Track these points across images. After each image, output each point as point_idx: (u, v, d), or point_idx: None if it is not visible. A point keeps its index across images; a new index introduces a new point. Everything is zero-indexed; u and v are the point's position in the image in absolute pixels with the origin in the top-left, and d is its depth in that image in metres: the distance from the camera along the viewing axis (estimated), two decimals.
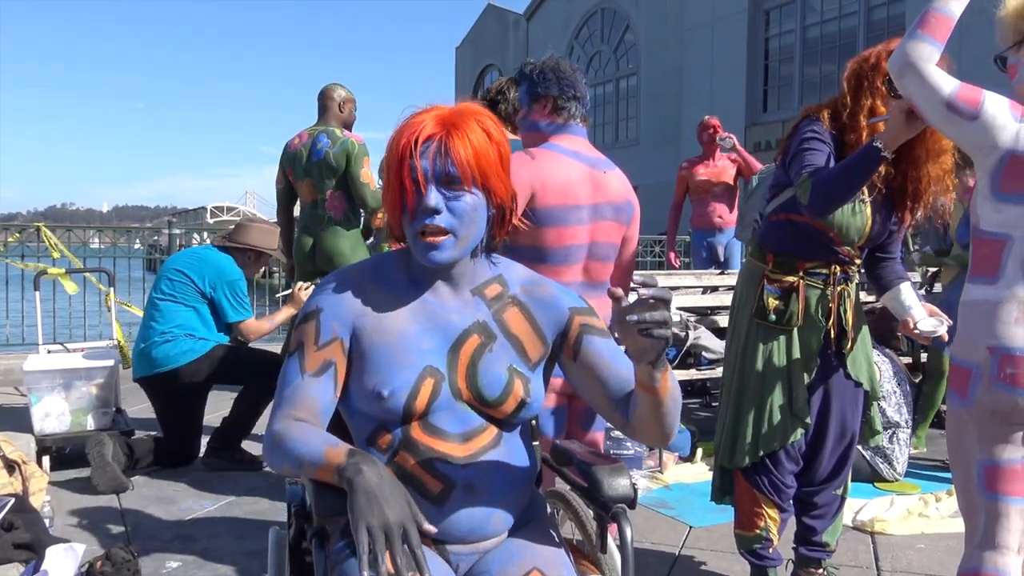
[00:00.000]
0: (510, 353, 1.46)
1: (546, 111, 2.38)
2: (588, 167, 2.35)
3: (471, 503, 1.40)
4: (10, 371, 5.75)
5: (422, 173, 1.35)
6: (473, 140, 1.36)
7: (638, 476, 3.91)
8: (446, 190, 1.36)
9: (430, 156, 1.35)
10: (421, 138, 1.35)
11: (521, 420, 1.48)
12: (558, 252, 2.30)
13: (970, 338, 1.79)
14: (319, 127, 4.25)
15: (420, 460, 1.39)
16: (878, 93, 2.28)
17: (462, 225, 1.37)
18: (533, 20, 28.90)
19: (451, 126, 1.35)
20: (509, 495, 1.45)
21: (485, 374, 1.43)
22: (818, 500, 2.58)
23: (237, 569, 2.86)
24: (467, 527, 1.41)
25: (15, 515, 2.64)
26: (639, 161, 22.33)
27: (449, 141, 1.34)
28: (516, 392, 1.43)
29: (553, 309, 1.51)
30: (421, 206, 1.35)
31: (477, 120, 1.38)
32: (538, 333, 1.49)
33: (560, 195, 2.27)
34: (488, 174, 1.38)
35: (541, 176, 2.26)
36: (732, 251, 6.15)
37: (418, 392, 1.39)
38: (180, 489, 3.72)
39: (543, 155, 2.31)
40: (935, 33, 1.78)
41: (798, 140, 2.35)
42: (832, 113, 2.37)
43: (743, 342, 2.51)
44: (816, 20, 19.23)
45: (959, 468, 1.89)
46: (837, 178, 2.18)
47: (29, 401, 3.97)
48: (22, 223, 7.33)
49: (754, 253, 2.54)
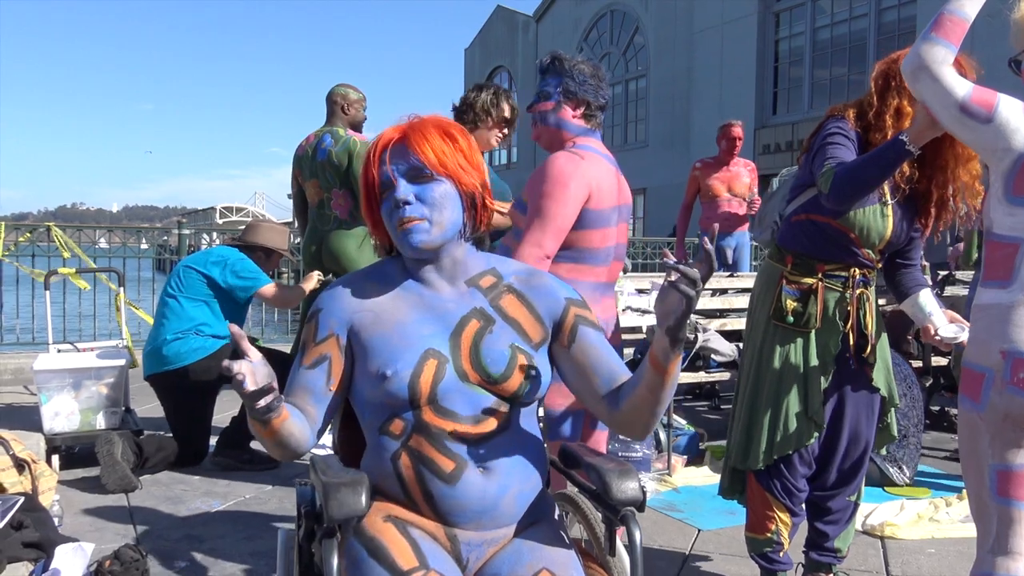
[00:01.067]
0: (511, 333, 1.52)
1: (579, 113, 2.39)
2: (615, 169, 2.41)
3: (483, 483, 1.43)
4: (20, 370, 5.78)
5: (389, 173, 1.47)
6: (429, 134, 1.48)
7: (646, 479, 3.90)
8: (414, 184, 1.47)
9: (393, 157, 1.48)
10: (380, 145, 1.49)
11: (530, 398, 1.50)
12: (599, 253, 2.34)
13: (983, 342, 1.78)
14: (325, 128, 4.27)
15: (432, 441, 1.43)
16: (905, 92, 2.26)
17: (434, 210, 1.47)
18: (542, 21, 28.90)
19: (408, 128, 1.49)
20: (520, 479, 1.48)
21: (488, 352, 1.48)
22: (832, 505, 2.57)
23: (245, 569, 2.86)
24: (479, 507, 1.43)
25: (25, 514, 2.65)
26: (648, 163, 22.31)
27: (407, 140, 1.47)
28: (521, 363, 1.48)
29: (549, 297, 1.57)
30: (394, 201, 1.46)
31: (434, 122, 1.51)
32: (536, 318, 1.55)
33: (608, 198, 2.32)
34: (448, 163, 1.48)
35: (597, 178, 2.29)
36: (742, 254, 6.13)
37: (421, 372, 1.43)
38: (188, 489, 3.73)
39: (590, 157, 2.33)
40: (949, 36, 1.77)
41: (822, 136, 2.35)
42: (858, 112, 2.37)
43: (759, 343, 2.50)
44: (826, 22, 19.18)
45: (971, 473, 1.88)
46: (860, 168, 2.18)
47: (39, 400, 3.99)
48: (33, 223, 7.36)
49: (772, 254, 2.53)
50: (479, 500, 1.43)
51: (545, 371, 1.53)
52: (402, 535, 1.39)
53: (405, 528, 1.41)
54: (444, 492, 1.42)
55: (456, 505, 1.43)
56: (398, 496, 1.46)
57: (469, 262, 1.56)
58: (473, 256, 1.57)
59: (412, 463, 1.44)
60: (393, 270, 1.57)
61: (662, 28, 23.10)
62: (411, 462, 1.44)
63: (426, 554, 1.36)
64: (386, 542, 1.37)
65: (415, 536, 1.40)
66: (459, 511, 1.43)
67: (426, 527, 1.44)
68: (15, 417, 4.53)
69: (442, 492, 1.42)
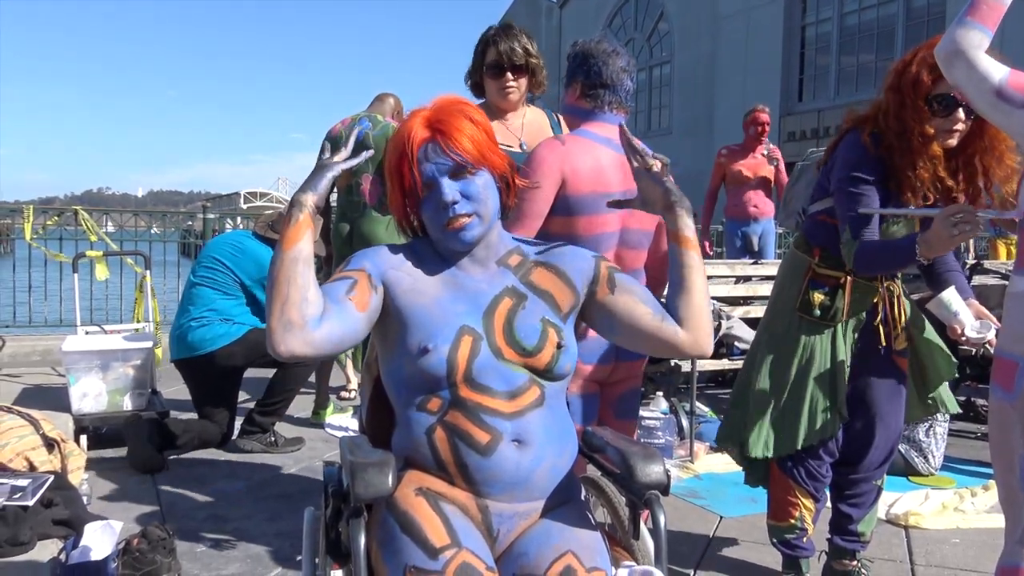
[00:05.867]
0: (542, 307, 1.55)
1: (576, 95, 2.35)
2: (619, 154, 2.32)
3: (517, 456, 1.45)
4: (49, 352, 5.85)
5: (429, 174, 1.48)
6: (461, 125, 1.49)
7: (668, 465, 3.89)
8: (456, 180, 1.49)
9: (431, 157, 1.48)
10: (416, 146, 1.49)
11: (560, 371, 1.52)
12: (589, 240, 2.27)
13: (1016, 330, 1.75)
14: (364, 112, 4.28)
15: (468, 415, 1.45)
16: (923, 116, 2.20)
17: (481, 204, 1.51)
18: (566, 7, 28.73)
19: (438, 123, 1.49)
20: (553, 453, 1.49)
21: (521, 327, 1.51)
22: (858, 489, 2.56)
23: (270, 550, 2.89)
24: (512, 478, 1.45)
25: (54, 492, 2.69)
26: (671, 150, 22.13)
27: (443, 136, 1.48)
28: (552, 338, 1.51)
29: (578, 259, 1.61)
30: (440, 203, 1.48)
31: (455, 108, 1.52)
32: (567, 283, 1.59)
33: (591, 182, 2.24)
34: (485, 152, 1.51)
35: (572, 163, 2.23)
36: (767, 241, 6.08)
37: (458, 347, 1.46)
38: (213, 470, 3.77)
39: (573, 141, 2.28)
40: (985, 20, 1.74)
41: (844, 176, 2.28)
42: (872, 130, 2.28)
43: (781, 330, 2.48)
44: (854, 8, 18.92)
45: (1001, 462, 1.86)
46: (877, 259, 2.24)
47: (67, 381, 4.05)
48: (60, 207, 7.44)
49: (799, 245, 2.51)
50: (513, 472, 1.44)
51: (572, 343, 1.55)
52: (434, 511, 1.39)
53: (437, 503, 1.42)
54: (479, 463, 1.43)
55: (490, 476, 1.44)
56: (431, 467, 1.47)
57: (499, 243, 1.60)
58: (501, 236, 1.61)
59: (447, 435, 1.45)
60: (425, 251, 1.59)
61: (686, 14, 22.91)
62: (446, 434, 1.45)
63: (458, 531, 1.36)
64: (419, 517, 1.38)
65: (447, 512, 1.40)
66: (492, 482, 1.44)
67: (458, 499, 1.45)
68: (44, 398, 4.59)
69: (477, 463, 1.43)
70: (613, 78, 2.30)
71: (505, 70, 2.71)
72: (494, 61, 2.71)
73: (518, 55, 2.70)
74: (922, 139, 2.21)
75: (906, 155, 2.23)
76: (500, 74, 2.71)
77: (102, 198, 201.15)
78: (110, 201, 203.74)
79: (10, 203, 8.10)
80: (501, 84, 2.72)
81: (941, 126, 2.21)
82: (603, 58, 2.30)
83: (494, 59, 2.71)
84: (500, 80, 2.72)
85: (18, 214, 6.72)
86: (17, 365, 5.78)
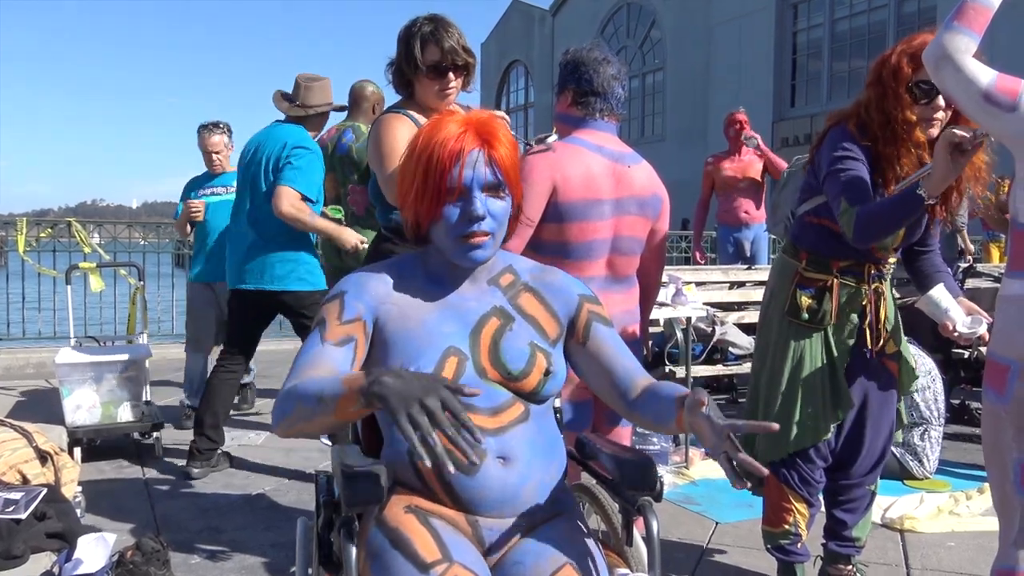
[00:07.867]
0: (529, 331, 1.53)
1: (567, 103, 2.36)
2: (611, 161, 2.33)
3: (503, 474, 1.43)
4: (42, 364, 5.84)
5: (467, 182, 1.43)
6: (509, 148, 1.47)
7: (664, 471, 3.89)
8: (488, 196, 1.45)
9: (474, 166, 1.43)
10: (466, 150, 1.43)
11: (547, 394, 1.51)
12: (580, 247, 2.29)
13: (1008, 333, 1.76)
14: (347, 123, 4.26)
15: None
16: (904, 103, 2.21)
17: (500, 226, 1.49)
18: (559, 15, 28.84)
19: (488, 136, 1.44)
20: (540, 469, 1.47)
21: (508, 350, 1.49)
22: (851, 495, 2.57)
23: (265, 560, 2.88)
24: (500, 497, 1.43)
25: (48, 505, 2.68)
26: (665, 157, 22.15)
27: (492, 152, 1.44)
28: (540, 364, 1.49)
29: (563, 293, 1.60)
30: (468, 214, 1.43)
31: (503, 128, 1.49)
32: (552, 314, 1.57)
33: (582, 190, 2.25)
34: (515, 178, 1.50)
35: (562, 171, 2.24)
36: (759, 246, 6.09)
37: (442, 369, 1.43)
38: (208, 481, 3.75)
39: (564, 149, 2.29)
40: (972, 24, 1.75)
41: (830, 158, 2.28)
42: (858, 123, 2.29)
43: (773, 338, 2.49)
44: (845, 13, 19.03)
45: (994, 466, 1.86)
46: (880, 218, 2.12)
47: (61, 393, 4.03)
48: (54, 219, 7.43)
49: (787, 250, 2.52)
50: (500, 490, 1.42)
51: (561, 368, 1.54)
52: (424, 526, 1.37)
53: (427, 518, 1.40)
54: (464, 482, 1.41)
55: (476, 495, 1.42)
56: (418, 486, 1.45)
57: (495, 261, 1.58)
58: (499, 253, 1.59)
59: None
60: (415, 267, 1.56)
61: (679, 21, 23.01)
62: None
63: (449, 545, 1.34)
64: (408, 533, 1.36)
65: (437, 526, 1.39)
66: (480, 500, 1.42)
67: (446, 515, 1.43)
68: (38, 410, 4.58)
69: (462, 483, 1.41)
70: (604, 86, 2.32)
71: (447, 71, 2.53)
72: (437, 61, 2.51)
73: (460, 56, 2.53)
74: (905, 126, 2.22)
75: (890, 143, 2.24)
76: (442, 75, 2.53)
77: (96, 209, 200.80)
78: (104, 212, 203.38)
79: (3, 216, 8.07)
80: (443, 85, 2.54)
81: (922, 114, 2.22)
82: (594, 66, 2.32)
83: (437, 59, 2.50)
84: (442, 81, 2.53)
85: (11, 227, 6.71)
86: (11, 378, 5.78)
